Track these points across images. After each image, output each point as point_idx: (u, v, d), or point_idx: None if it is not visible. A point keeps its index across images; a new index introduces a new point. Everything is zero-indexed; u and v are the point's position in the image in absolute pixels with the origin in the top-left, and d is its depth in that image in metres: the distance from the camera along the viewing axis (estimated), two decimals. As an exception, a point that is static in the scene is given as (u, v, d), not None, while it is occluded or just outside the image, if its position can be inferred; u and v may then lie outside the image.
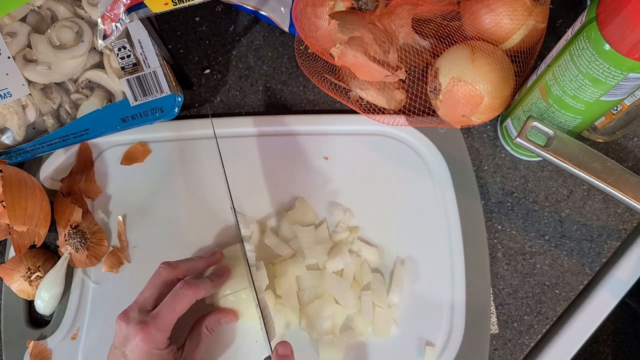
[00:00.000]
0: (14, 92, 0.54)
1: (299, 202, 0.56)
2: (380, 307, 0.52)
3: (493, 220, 0.57)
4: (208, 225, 0.56)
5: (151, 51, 0.55)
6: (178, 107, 0.56)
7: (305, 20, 0.54)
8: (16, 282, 0.53)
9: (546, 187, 0.57)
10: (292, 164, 0.58)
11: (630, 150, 0.58)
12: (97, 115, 0.56)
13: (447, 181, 0.56)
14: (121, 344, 0.45)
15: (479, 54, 0.51)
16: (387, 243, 0.55)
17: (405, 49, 0.54)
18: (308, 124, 0.59)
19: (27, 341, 0.53)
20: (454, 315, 0.53)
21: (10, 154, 0.57)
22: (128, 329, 0.44)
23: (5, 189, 0.50)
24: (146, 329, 0.44)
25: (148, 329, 0.44)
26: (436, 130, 0.58)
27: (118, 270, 0.55)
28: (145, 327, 0.44)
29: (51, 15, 0.55)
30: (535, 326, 0.54)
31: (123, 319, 0.45)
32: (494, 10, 0.51)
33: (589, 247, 0.56)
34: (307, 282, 0.52)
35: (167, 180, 0.57)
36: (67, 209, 0.55)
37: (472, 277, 0.53)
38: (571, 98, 0.46)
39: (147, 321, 0.44)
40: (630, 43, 0.38)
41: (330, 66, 0.58)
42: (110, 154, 0.59)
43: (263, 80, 0.62)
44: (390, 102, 0.56)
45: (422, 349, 0.52)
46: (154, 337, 0.44)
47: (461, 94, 0.51)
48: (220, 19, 0.64)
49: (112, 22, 0.47)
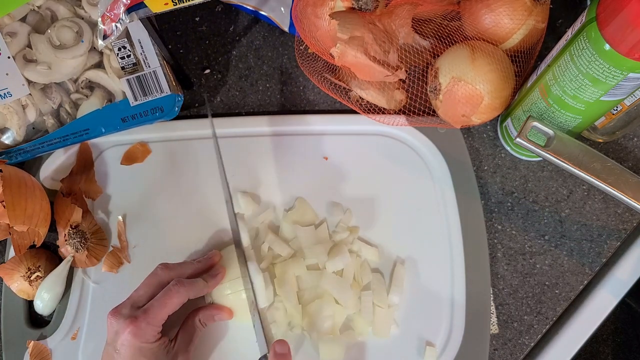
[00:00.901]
0: (14, 92, 0.54)
1: (299, 202, 0.56)
2: (380, 307, 0.52)
3: (493, 220, 0.57)
4: (208, 225, 0.56)
5: (151, 51, 0.55)
6: (178, 107, 0.56)
7: (305, 20, 0.54)
8: (16, 282, 0.53)
9: (546, 187, 0.57)
10: (292, 164, 0.58)
11: (630, 150, 0.58)
12: (97, 115, 0.56)
13: (447, 181, 0.56)
14: (112, 339, 0.45)
15: (479, 54, 0.51)
16: (387, 243, 0.55)
17: (405, 49, 0.54)
18: (308, 124, 0.59)
19: (27, 341, 0.53)
20: (454, 315, 0.53)
21: (10, 154, 0.57)
22: (118, 324, 0.45)
23: (5, 189, 0.50)
24: (136, 323, 0.44)
25: (138, 323, 0.44)
26: (436, 130, 0.58)
27: (118, 270, 0.55)
28: (135, 321, 0.44)
29: (51, 15, 0.55)
30: (535, 326, 0.54)
31: (114, 314, 0.45)
32: (494, 10, 0.51)
33: (589, 247, 0.56)
34: (307, 282, 0.52)
35: (167, 180, 0.57)
36: (67, 209, 0.55)
37: (472, 277, 0.53)
38: (571, 98, 0.46)
39: (138, 316, 0.45)
40: (630, 43, 0.38)
41: (330, 66, 0.58)
42: (110, 154, 0.59)
43: (263, 80, 0.62)
44: (390, 102, 0.56)
45: (422, 349, 0.52)
46: (144, 331, 0.44)
47: (461, 93, 0.51)
48: (220, 19, 0.64)
49: (112, 22, 0.47)
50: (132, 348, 0.44)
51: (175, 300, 0.46)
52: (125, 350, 0.44)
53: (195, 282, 0.48)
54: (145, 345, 0.45)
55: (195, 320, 0.50)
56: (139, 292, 0.47)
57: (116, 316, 0.45)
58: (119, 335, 0.44)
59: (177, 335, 0.49)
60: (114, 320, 0.45)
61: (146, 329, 0.44)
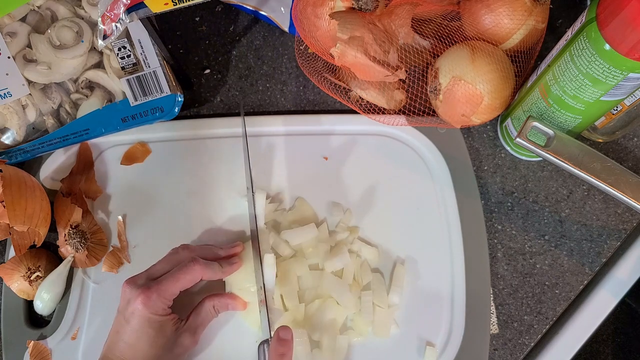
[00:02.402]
0: (14, 92, 0.54)
1: (299, 202, 0.56)
2: (380, 307, 0.52)
3: (493, 220, 0.57)
4: (208, 225, 0.56)
5: (151, 51, 0.55)
6: (178, 107, 0.56)
7: (305, 20, 0.54)
8: (16, 282, 0.53)
9: (546, 187, 0.57)
10: (292, 164, 0.58)
11: (630, 150, 0.58)
12: (97, 115, 0.56)
13: (447, 181, 0.56)
14: (124, 307, 0.46)
15: (479, 54, 0.51)
16: (387, 243, 0.55)
17: (405, 49, 0.54)
18: (308, 124, 0.59)
19: (27, 341, 0.53)
20: (454, 315, 0.53)
21: (10, 154, 0.57)
22: (131, 292, 0.46)
23: (5, 189, 0.50)
24: (147, 292, 0.45)
25: (149, 293, 0.45)
26: (436, 130, 0.58)
27: (118, 270, 0.55)
28: (147, 290, 0.45)
29: (51, 15, 0.55)
30: (535, 326, 0.54)
31: (129, 283, 0.46)
32: (494, 11, 0.51)
33: (589, 247, 0.56)
34: (307, 282, 0.52)
35: (167, 180, 0.57)
36: (67, 209, 0.55)
37: (472, 277, 0.53)
38: (571, 98, 0.46)
39: (150, 286, 0.46)
40: (630, 43, 0.38)
41: (330, 66, 0.58)
42: (110, 154, 0.59)
43: (263, 80, 0.62)
44: (390, 102, 0.56)
45: (422, 349, 0.52)
46: (154, 302, 0.45)
47: (461, 93, 0.51)
48: (220, 19, 0.64)
49: (112, 22, 0.47)
50: (141, 318, 0.45)
51: (189, 276, 0.47)
52: (134, 320, 0.45)
53: (211, 265, 0.49)
54: (153, 317, 0.46)
55: (210, 305, 0.50)
56: (156, 266, 0.48)
57: (130, 285, 0.46)
58: (130, 304, 0.45)
59: (189, 316, 0.50)
60: (128, 288, 0.46)
61: (157, 300, 0.45)
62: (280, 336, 0.44)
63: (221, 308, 0.51)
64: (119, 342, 0.46)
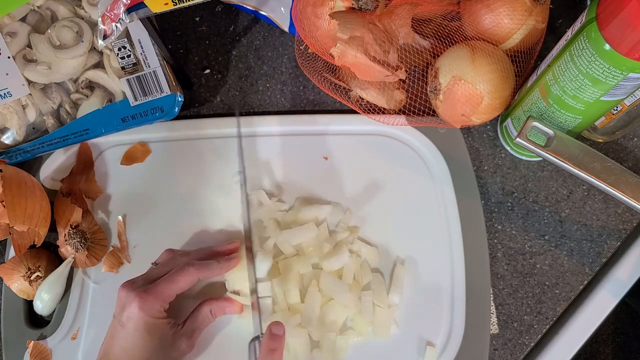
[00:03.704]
0: (14, 92, 0.54)
1: (299, 202, 0.56)
2: (380, 307, 0.52)
3: (493, 220, 0.57)
4: (208, 225, 0.56)
5: (151, 51, 0.55)
6: (178, 107, 0.56)
7: (305, 20, 0.54)
8: (16, 282, 0.53)
9: (546, 187, 0.57)
10: (292, 164, 0.58)
11: (630, 150, 0.58)
12: (97, 115, 0.56)
13: (447, 181, 0.56)
14: (119, 312, 0.46)
15: (479, 54, 0.51)
16: (387, 243, 0.55)
17: (405, 49, 0.54)
18: (308, 124, 0.59)
19: (27, 341, 0.53)
20: (454, 315, 0.53)
21: (10, 154, 0.57)
22: (127, 296, 0.45)
23: (5, 189, 0.50)
24: (143, 296, 0.45)
25: (146, 296, 0.45)
26: (436, 130, 0.58)
27: (118, 270, 0.55)
28: (144, 294, 0.45)
29: (51, 15, 0.55)
30: (535, 326, 0.54)
31: (125, 286, 0.46)
32: (494, 10, 0.51)
33: (589, 247, 0.56)
34: (307, 282, 0.52)
35: (167, 180, 0.57)
36: (67, 209, 0.55)
37: (472, 277, 0.53)
38: (571, 98, 0.46)
39: (147, 289, 0.45)
40: (630, 43, 0.38)
41: (330, 66, 0.58)
42: (110, 154, 0.59)
43: (263, 80, 0.62)
44: (390, 102, 0.56)
45: (422, 349, 0.52)
46: (150, 305, 0.45)
47: (461, 93, 0.51)
48: (220, 19, 0.64)
49: (112, 22, 0.47)
50: (137, 322, 0.45)
51: (187, 278, 0.47)
52: (130, 323, 0.45)
53: (208, 263, 0.49)
54: (150, 320, 0.45)
55: (207, 309, 0.50)
56: (154, 270, 0.48)
57: (126, 289, 0.46)
58: (126, 307, 0.45)
59: (186, 320, 0.49)
60: (124, 292, 0.46)
61: (153, 303, 0.45)
62: (273, 331, 0.44)
63: (218, 312, 0.51)
64: (114, 347, 0.45)
